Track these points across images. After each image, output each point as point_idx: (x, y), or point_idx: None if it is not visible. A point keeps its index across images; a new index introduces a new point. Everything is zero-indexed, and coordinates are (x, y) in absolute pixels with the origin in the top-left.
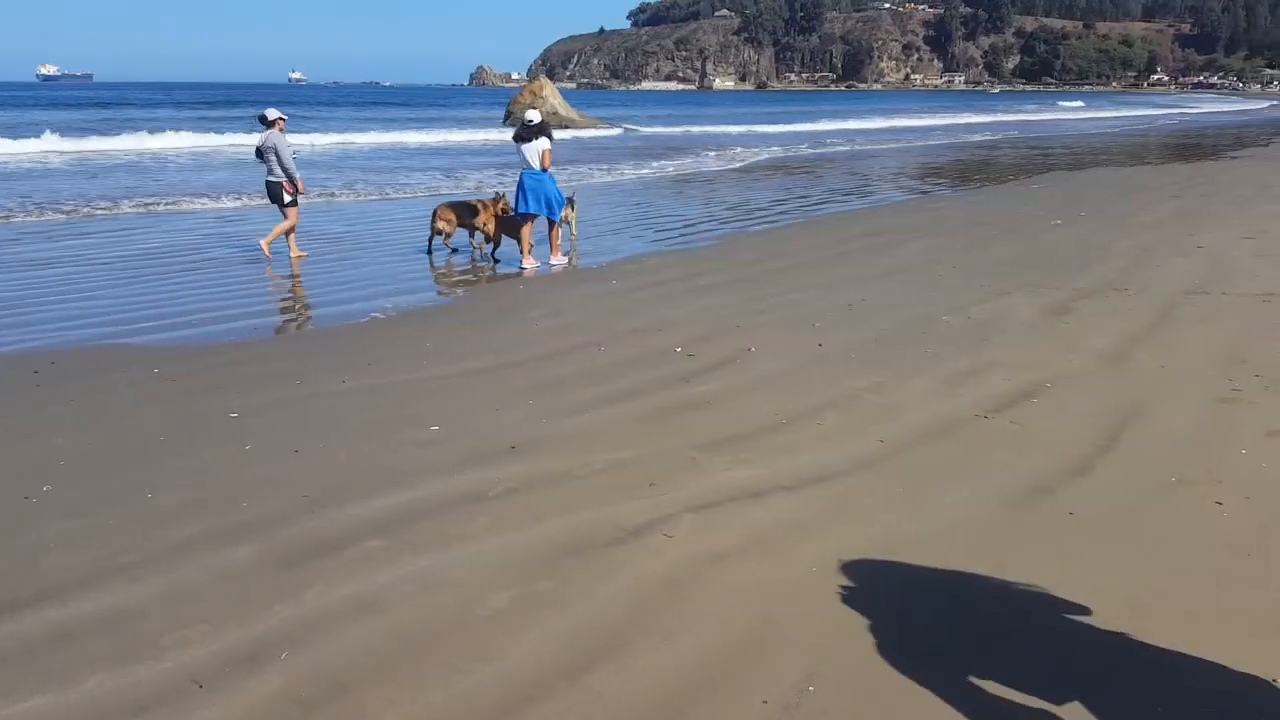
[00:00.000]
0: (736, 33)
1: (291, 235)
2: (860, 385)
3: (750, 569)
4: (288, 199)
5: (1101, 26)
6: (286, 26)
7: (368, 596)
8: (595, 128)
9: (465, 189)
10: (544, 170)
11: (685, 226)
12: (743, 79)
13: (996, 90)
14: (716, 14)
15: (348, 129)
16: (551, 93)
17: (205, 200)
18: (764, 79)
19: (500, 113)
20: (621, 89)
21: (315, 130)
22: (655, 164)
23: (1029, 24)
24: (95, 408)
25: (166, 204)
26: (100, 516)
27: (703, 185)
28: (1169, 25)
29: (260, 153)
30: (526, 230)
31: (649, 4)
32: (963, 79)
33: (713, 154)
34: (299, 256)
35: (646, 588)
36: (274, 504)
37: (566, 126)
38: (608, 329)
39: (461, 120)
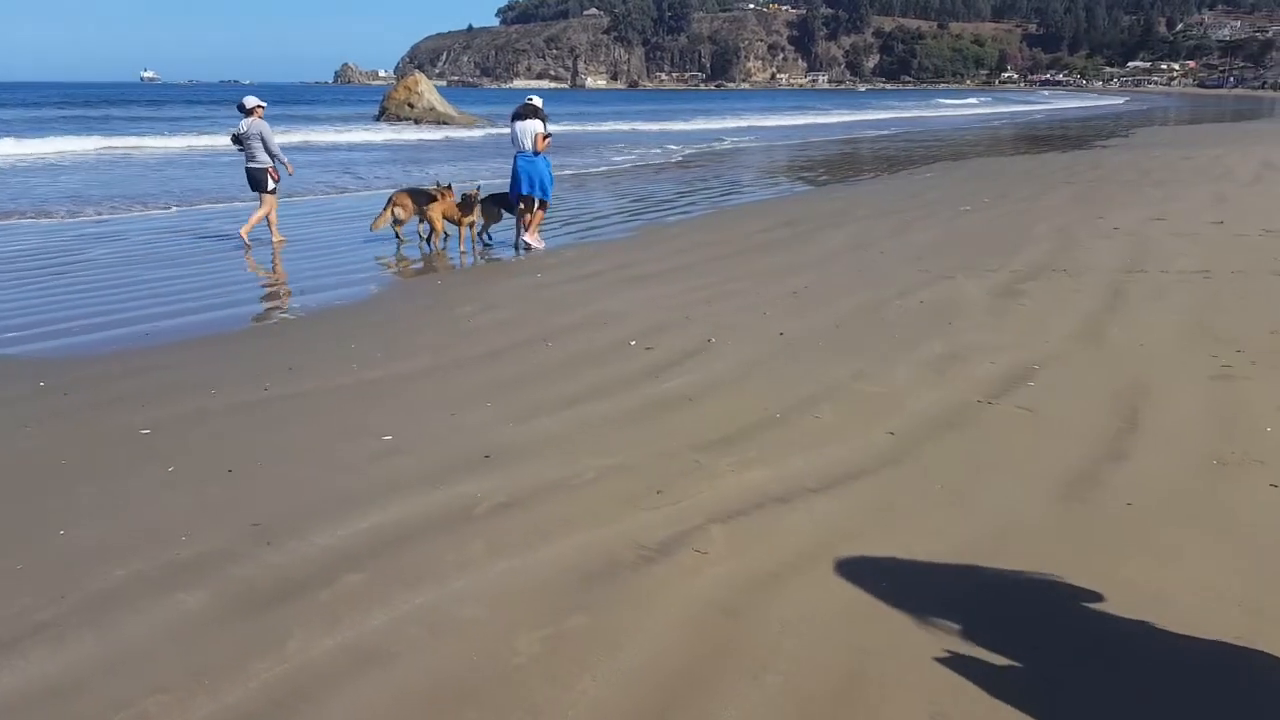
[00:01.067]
0: (606, 31)
1: (274, 221)
2: (842, 374)
3: (813, 589)
4: (271, 185)
5: (955, 26)
6: (137, 23)
7: (366, 646)
8: (474, 126)
9: (381, 188)
10: (537, 153)
11: (596, 219)
12: (614, 78)
13: (863, 89)
14: (586, 13)
15: (211, 128)
16: (427, 89)
17: (92, 209)
18: (635, 78)
19: (374, 109)
20: (493, 87)
21: (191, 130)
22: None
23: (887, 24)
24: None
25: (35, 212)
26: (5, 560)
27: (603, 180)
28: (1017, 25)
29: (239, 140)
30: (540, 213)
31: (517, 2)
32: (826, 78)
33: (607, 151)
34: (280, 241)
35: (701, 617)
36: (217, 536)
37: (444, 124)
38: (549, 323)
39: (336, 119)
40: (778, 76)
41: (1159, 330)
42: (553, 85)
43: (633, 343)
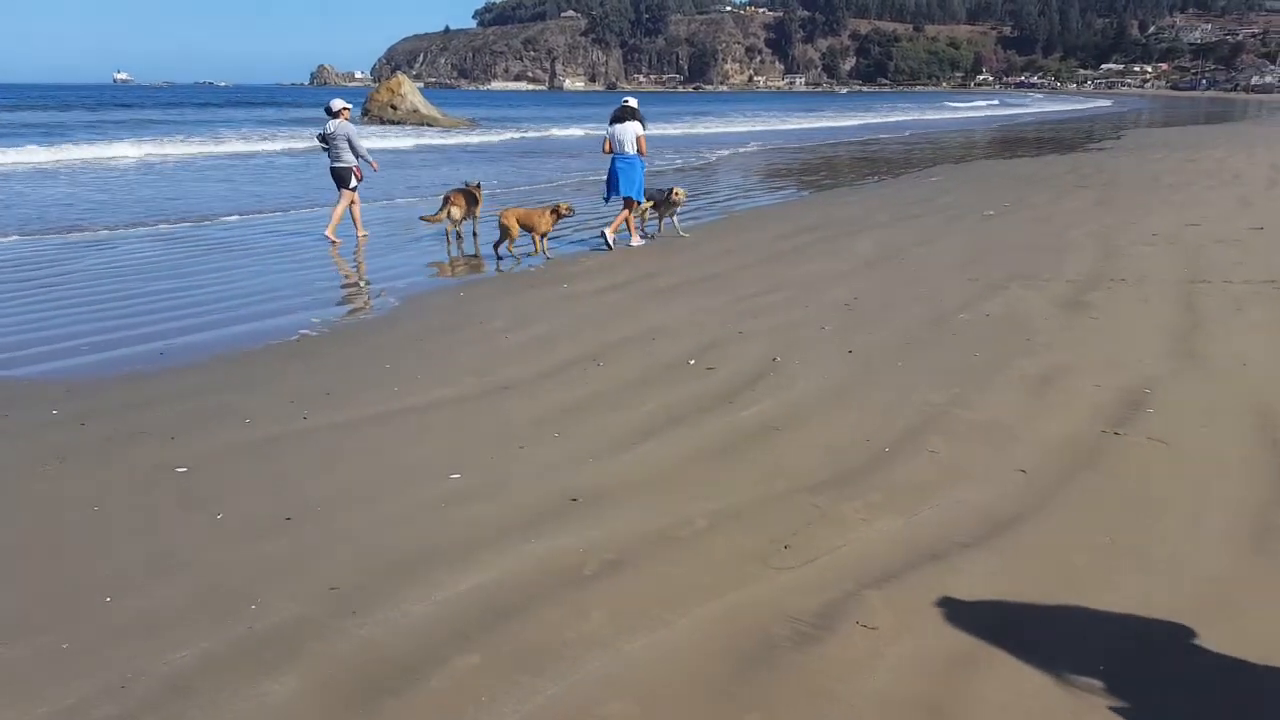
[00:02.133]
0: (584, 33)
1: (357, 217)
2: (936, 399)
3: (1021, 676)
4: (354, 183)
5: (930, 29)
6: (109, 23)
7: None
8: (460, 127)
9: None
10: (637, 155)
11: (603, 223)
12: (592, 80)
13: (843, 91)
14: (563, 15)
15: (201, 130)
16: (410, 90)
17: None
18: (613, 80)
19: (356, 113)
20: (471, 89)
21: (195, 134)
22: (542, 163)
23: (863, 27)
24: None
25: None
26: (49, 636)
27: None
28: (991, 27)
29: (325, 140)
30: (628, 212)
31: (494, 4)
32: (803, 80)
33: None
34: (364, 236)
35: (903, 718)
36: (292, 603)
37: (429, 125)
38: (592, 340)
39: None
40: (755, 79)
41: (1257, 348)
42: (531, 87)
43: (691, 362)
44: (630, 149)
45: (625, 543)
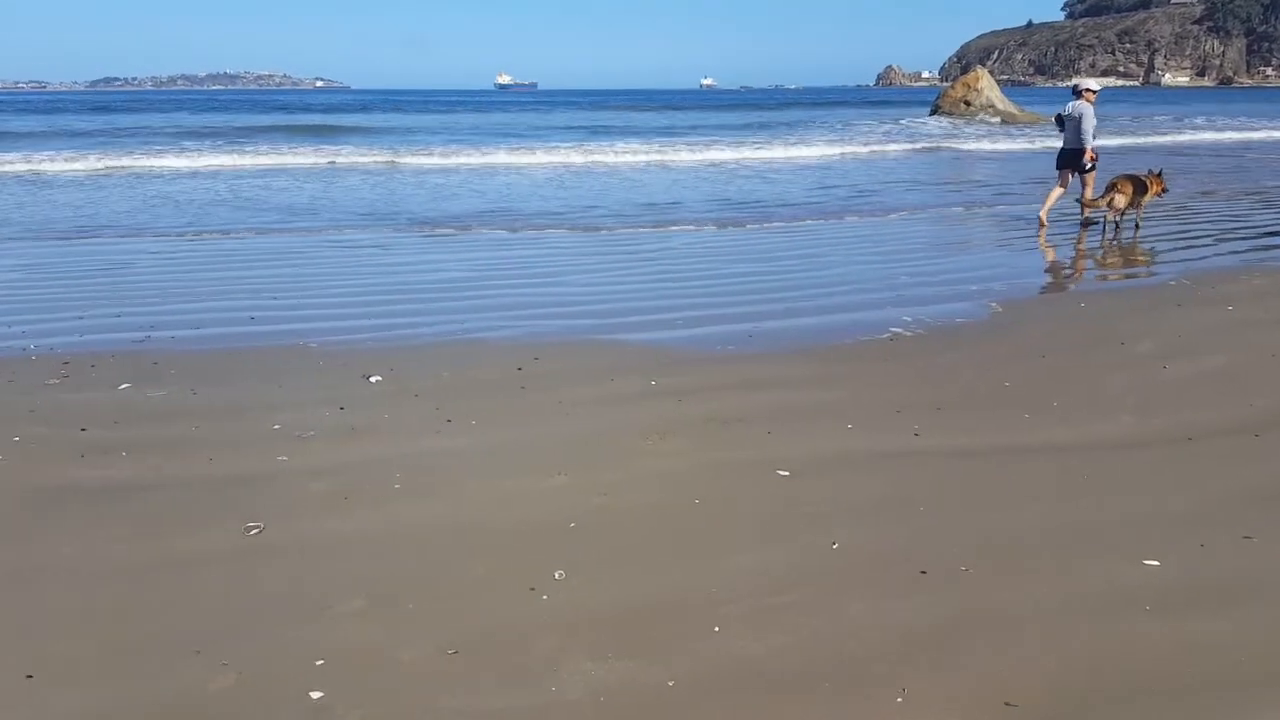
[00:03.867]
0: (1197, 21)
1: (1088, 194)
2: None
3: None
4: (1088, 165)
5: None
6: (698, 35)
7: None
8: (1041, 123)
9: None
10: None
11: (1265, 235)
12: (1200, 74)
13: None
14: (1173, 2)
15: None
16: (989, 85)
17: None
18: (1229, 74)
19: (921, 110)
20: (1047, 86)
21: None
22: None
23: None
24: (610, 430)
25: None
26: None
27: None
28: None
29: (1061, 121)
30: None
31: None
32: None
33: None
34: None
35: None
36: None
37: (1005, 123)
38: None
39: (894, 116)
40: None
41: None
42: (1120, 83)
43: None
44: None
45: None
